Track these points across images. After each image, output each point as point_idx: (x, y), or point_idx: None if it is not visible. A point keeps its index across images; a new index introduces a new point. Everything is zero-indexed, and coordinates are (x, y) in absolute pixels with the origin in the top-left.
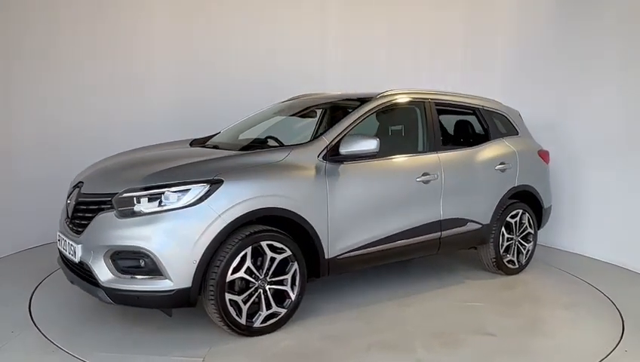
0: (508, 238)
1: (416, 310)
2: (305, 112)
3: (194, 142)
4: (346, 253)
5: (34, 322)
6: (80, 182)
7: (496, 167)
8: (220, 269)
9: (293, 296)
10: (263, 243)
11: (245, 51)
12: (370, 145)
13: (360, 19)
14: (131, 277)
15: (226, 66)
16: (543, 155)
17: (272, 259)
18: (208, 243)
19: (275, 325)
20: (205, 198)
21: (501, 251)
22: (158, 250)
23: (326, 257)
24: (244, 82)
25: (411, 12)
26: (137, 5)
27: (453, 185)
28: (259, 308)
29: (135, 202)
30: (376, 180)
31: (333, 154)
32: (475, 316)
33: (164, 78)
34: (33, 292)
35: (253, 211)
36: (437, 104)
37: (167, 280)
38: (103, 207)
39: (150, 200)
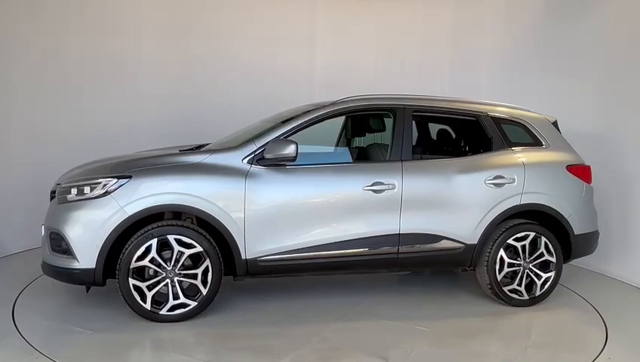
0: (511, 264)
1: (342, 327)
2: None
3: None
4: (268, 256)
5: (17, 328)
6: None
7: (488, 181)
8: (124, 256)
9: (204, 291)
10: (170, 237)
11: (232, 54)
12: (289, 150)
13: (348, 21)
14: (57, 255)
15: (212, 70)
16: (578, 171)
17: (181, 253)
18: (110, 231)
19: (184, 316)
20: (112, 191)
21: (498, 277)
22: (68, 233)
23: (243, 258)
24: (230, 86)
25: (400, 14)
26: (124, 4)
27: (418, 197)
28: (167, 298)
29: (70, 192)
30: (308, 187)
31: (261, 158)
32: (402, 340)
33: (150, 78)
34: (17, 298)
35: (157, 206)
36: (418, 110)
37: (75, 260)
38: (54, 195)
39: (78, 191)
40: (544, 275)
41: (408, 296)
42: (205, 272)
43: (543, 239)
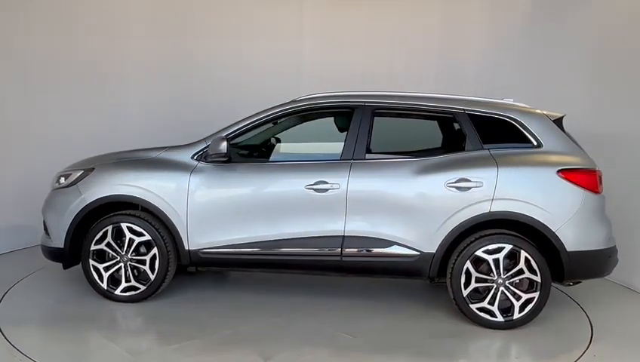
0: (479, 278)
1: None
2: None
3: None
4: (210, 248)
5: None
6: None
7: (449, 184)
8: (86, 240)
9: (152, 277)
10: (123, 225)
11: (221, 53)
12: (221, 147)
13: (336, 19)
14: (45, 235)
15: (201, 68)
16: (575, 177)
17: (132, 240)
18: (73, 216)
19: (134, 298)
20: (77, 182)
21: (464, 292)
22: (45, 216)
23: (186, 248)
24: (219, 85)
25: (388, 9)
26: (112, 5)
27: (365, 199)
28: (122, 279)
29: (55, 181)
30: (247, 184)
31: (208, 155)
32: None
33: (137, 79)
34: (2, 298)
35: (110, 196)
36: (380, 108)
37: (50, 240)
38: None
39: (58, 181)
40: (524, 296)
41: (367, 304)
42: (153, 259)
43: (523, 254)
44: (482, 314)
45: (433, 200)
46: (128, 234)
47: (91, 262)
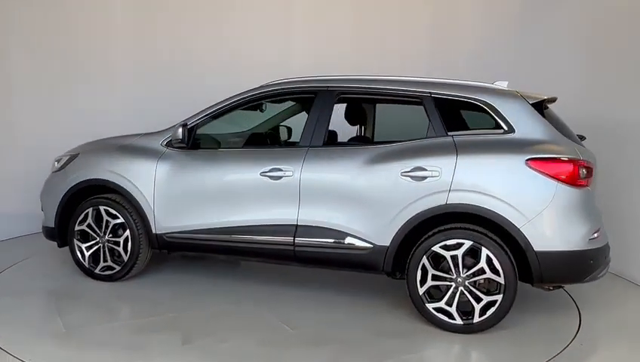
0: (438, 276)
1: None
2: None
3: None
4: (173, 233)
5: None
6: None
7: (404, 173)
8: (71, 220)
9: (125, 258)
10: (101, 208)
11: (209, 42)
12: (177, 133)
13: (326, 8)
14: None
15: (188, 55)
16: (547, 167)
17: (108, 222)
18: (61, 197)
19: (111, 277)
20: (65, 166)
21: (420, 290)
22: (41, 197)
23: (154, 232)
24: (207, 74)
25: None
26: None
27: (319, 187)
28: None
29: (53, 165)
30: (207, 170)
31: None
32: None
33: (123, 77)
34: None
35: (88, 180)
36: (345, 93)
37: (45, 218)
38: None
39: (53, 165)
40: (485, 298)
41: (329, 297)
42: (126, 241)
43: (485, 251)
44: (439, 315)
45: (387, 191)
46: (105, 217)
47: (75, 241)
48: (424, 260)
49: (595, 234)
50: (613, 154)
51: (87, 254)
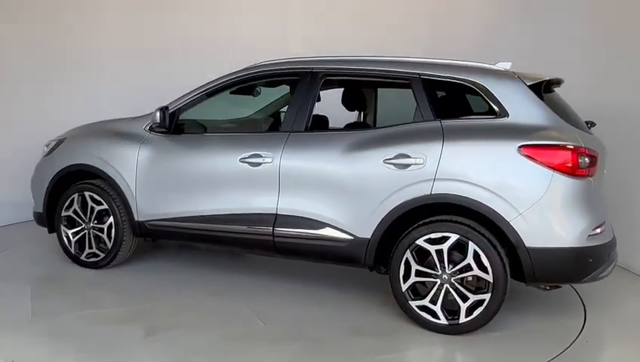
0: (422, 272)
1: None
2: None
3: None
4: (154, 220)
5: None
6: None
7: (387, 160)
8: (58, 206)
9: (109, 245)
10: (86, 194)
11: (203, 24)
12: (155, 117)
13: None
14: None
15: (183, 41)
16: (543, 156)
17: (92, 208)
18: (48, 182)
19: (95, 264)
20: (53, 151)
21: (403, 286)
22: (31, 182)
23: (136, 219)
24: (201, 56)
25: None
26: None
27: (298, 174)
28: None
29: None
30: (186, 156)
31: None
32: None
33: (115, 63)
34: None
35: (72, 165)
36: (331, 74)
37: (35, 204)
38: None
39: (43, 150)
40: (472, 297)
41: (313, 291)
42: (110, 228)
43: (472, 246)
44: (423, 314)
45: (368, 179)
46: (90, 203)
47: (62, 227)
48: (407, 254)
49: (597, 230)
50: (626, 141)
51: (73, 240)
